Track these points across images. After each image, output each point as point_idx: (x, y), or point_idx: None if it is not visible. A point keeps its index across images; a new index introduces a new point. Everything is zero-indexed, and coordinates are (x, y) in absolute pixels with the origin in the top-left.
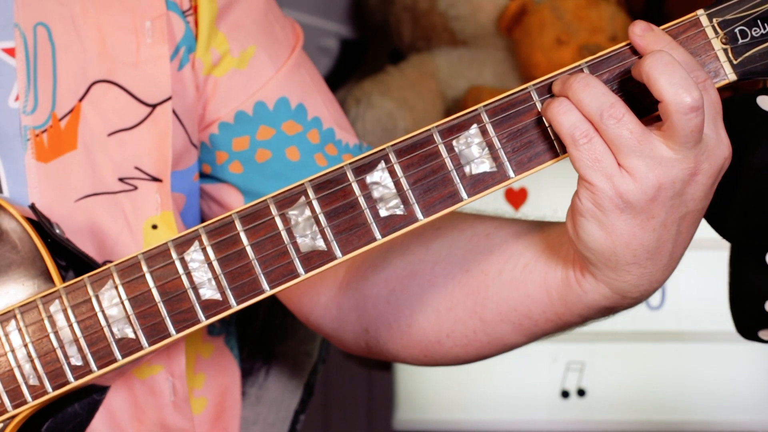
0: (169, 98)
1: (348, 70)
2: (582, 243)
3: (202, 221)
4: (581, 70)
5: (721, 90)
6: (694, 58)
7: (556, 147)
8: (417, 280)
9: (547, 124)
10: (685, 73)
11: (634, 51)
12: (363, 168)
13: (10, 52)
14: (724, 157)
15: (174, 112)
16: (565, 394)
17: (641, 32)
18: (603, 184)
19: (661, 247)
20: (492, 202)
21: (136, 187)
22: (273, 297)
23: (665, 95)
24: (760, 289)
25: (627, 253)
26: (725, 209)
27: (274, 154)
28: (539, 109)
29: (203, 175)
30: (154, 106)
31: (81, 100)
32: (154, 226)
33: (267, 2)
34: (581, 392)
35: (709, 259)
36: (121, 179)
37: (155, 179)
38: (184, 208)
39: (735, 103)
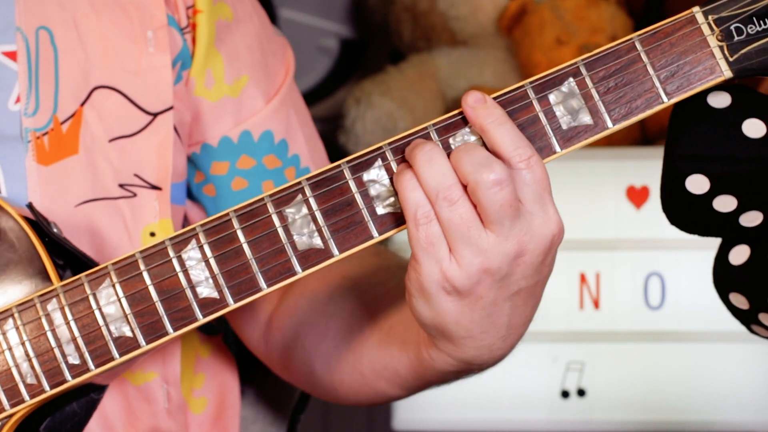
0: (171, 108)
1: (348, 70)
2: (416, 318)
3: None
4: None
5: (716, 87)
6: (521, 134)
7: (552, 144)
8: (314, 331)
9: (544, 122)
10: (486, 153)
11: (632, 48)
12: (360, 166)
13: (11, 55)
14: (552, 234)
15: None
16: (565, 394)
17: (473, 104)
18: (432, 268)
19: (495, 321)
20: None
21: (135, 194)
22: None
23: (468, 177)
24: (722, 283)
25: (459, 329)
26: (664, 200)
27: (250, 184)
28: (536, 107)
29: None
30: (155, 115)
31: (83, 104)
32: (152, 234)
33: (262, 27)
34: (581, 392)
35: (709, 259)
36: (121, 185)
37: (154, 187)
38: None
39: (686, 99)
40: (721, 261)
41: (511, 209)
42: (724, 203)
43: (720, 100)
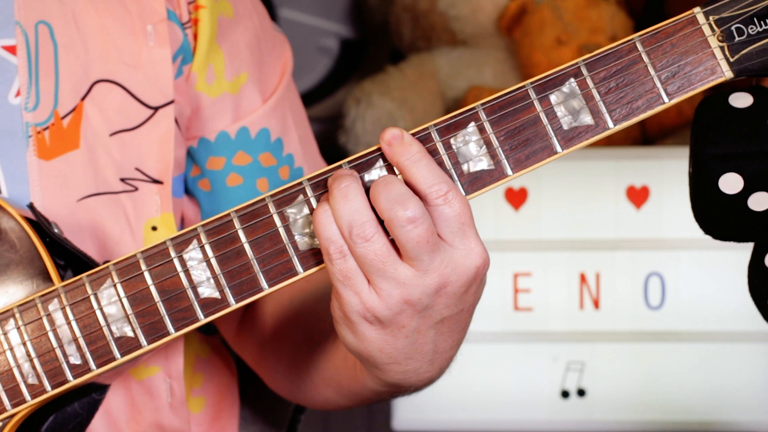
0: (172, 101)
1: (348, 70)
2: (343, 343)
3: None
4: (580, 67)
5: (716, 87)
6: (439, 169)
7: (553, 145)
8: (271, 342)
9: (545, 122)
10: (404, 189)
11: (633, 48)
12: (361, 166)
13: (11, 49)
14: (475, 266)
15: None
16: (565, 394)
17: (389, 140)
18: (351, 299)
19: (419, 348)
20: (492, 202)
21: (136, 188)
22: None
23: (384, 213)
24: (761, 288)
25: (383, 356)
26: (696, 206)
27: (245, 181)
28: (537, 108)
29: None
30: (156, 109)
31: (83, 98)
32: (154, 228)
33: (261, 25)
34: (581, 392)
35: (709, 259)
36: (122, 179)
37: (156, 181)
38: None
39: (708, 101)
40: (756, 266)
41: (428, 245)
42: (759, 201)
43: (742, 101)
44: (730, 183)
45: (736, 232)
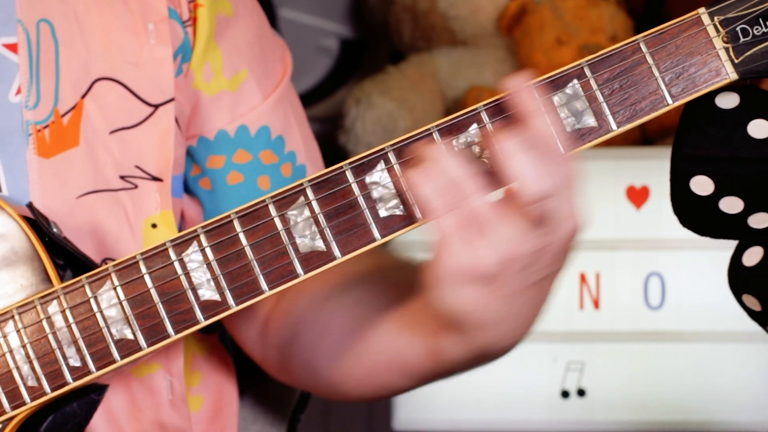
0: (172, 99)
1: (348, 70)
2: (435, 306)
3: None
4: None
5: (721, 89)
6: (553, 132)
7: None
8: (316, 326)
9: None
10: (538, 161)
11: (637, 49)
12: (363, 168)
13: (12, 47)
14: (572, 230)
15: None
16: (565, 394)
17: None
18: (454, 257)
19: (511, 311)
20: None
21: (136, 186)
22: None
23: (517, 179)
24: (736, 285)
25: (478, 318)
26: (674, 202)
27: (246, 179)
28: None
29: None
30: (156, 107)
31: (83, 96)
32: (154, 225)
33: (261, 25)
34: (581, 392)
35: (709, 259)
36: (122, 177)
37: (156, 179)
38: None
39: (695, 100)
40: (735, 262)
41: (546, 219)
42: (730, 205)
43: (728, 101)
44: (701, 185)
45: (713, 229)
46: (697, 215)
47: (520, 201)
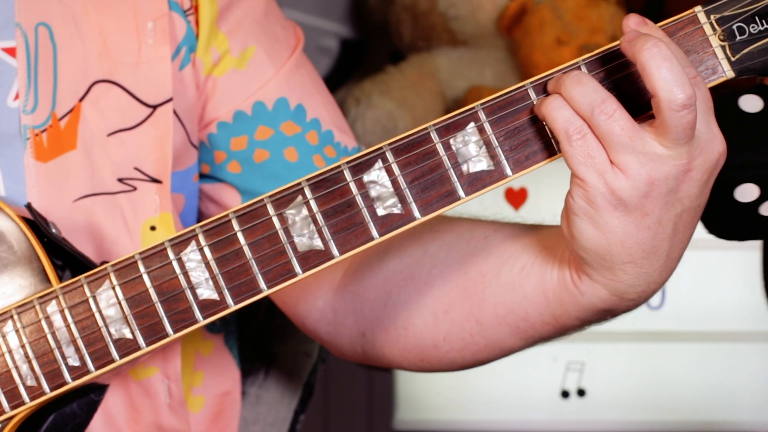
0: (170, 99)
1: (348, 70)
2: (576, 242)
3: (200, 222)
4: (578, 68)
5: (747, 92)
6: (684, 53)
7: (553, 145)
8: (414, 283)
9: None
10: (681, 69)
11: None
12: (360, 167)
13: (11, 51)
14: (718, 152)
15: (175, 112)
16: (565, 394)
17: (635, 25)
18: (595, 180)
19: (657, 245)
20: (492, 202)
21: (135, 188)
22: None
23: (659, 91)
24: None
25: (622, 251)
26: (708, 212)
27: (272, 154)
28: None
29: (202, 176)
30: (154, 107)
31: (81, 99)
32: (153, 228)
33: (268, 3)
34: (581, 392)
35: (709, 259)
36: (120, 180)
37: (155, 180)
38: (183, 209)
39: (716, 102)
40: None
41: (692, 131)
42: None
43: (752, 104)
44: (746, 192)
45: (743, 233)
46: (732, 222)
47: (668, 108)
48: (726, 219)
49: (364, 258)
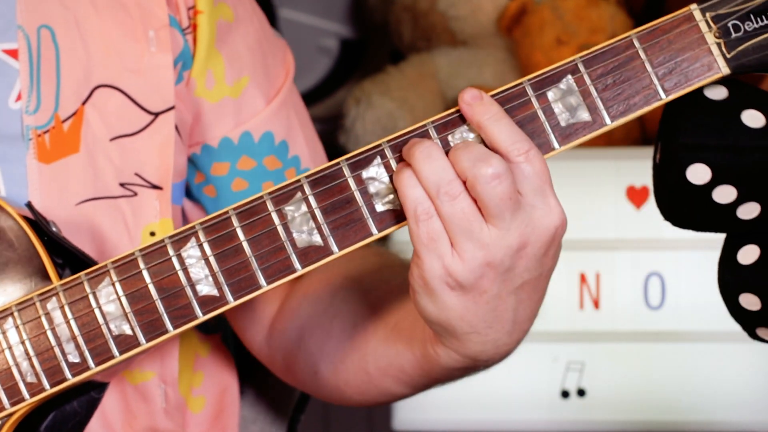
0: (172, 107)
1: (348, 70)
2: (420, 315)
3: None
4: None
5: (714, 83)
6: (519, 129)
7: (551, 141)
8: (319, 331)
9: (542, 119)
10: (484, 148)
11: (630, 45)
12: (359, 163)
13: (12, 53)
14: (555, 226)
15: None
16: (565, 394)
17: (470, 101)
18: (434, 263)
19: (500, 315)
20: None
21: (135, 194)
22: None
23: (467, 172)
24: (732, 284)
25: (463, 324)
26: (660, 192)
27: (251, 185)
28: (535, 104)
29: None
30: (156, 114)
31: (84, 103)
32: (152, 233)
33: (261, 28)
34: (581, 392)
35: (709, 259)
36: (122, 184)
37: (155, 187)
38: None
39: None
40: (728, 262)
41: (510, 202)
42: (724, 194)
43: (717, 93)
44: (698, 174)
45: (698, 221)
46: (686, 207)
47: (477, 182)
48: (680, 204)
49: (290, 296)
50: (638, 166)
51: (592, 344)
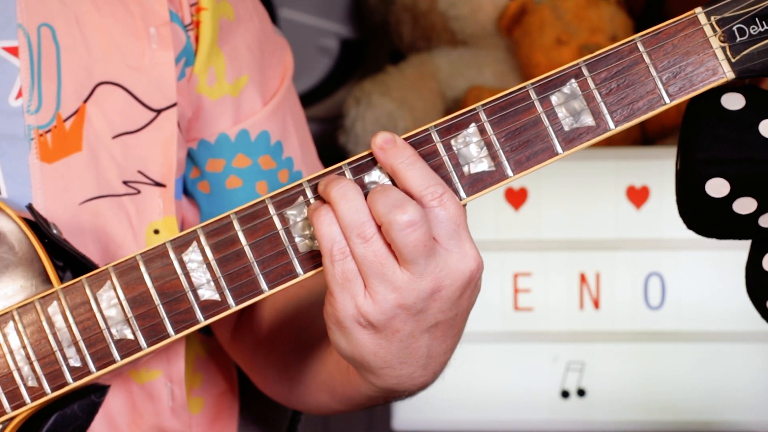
0: (175, 104)
1: (348, 70)
2: (335, 349)
3: None
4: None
5: (729, 89)
6: (433, 172)
7: (554, 146)
8: (271, 344)
9: (546, 124)
10: (401, 194)
11: (634, 49)
12: (361, 168)
13: (12, 51)
14: (470, 270)
15: None
16: (565, 394)
17: (382, 145)
18: (346, 303)
19: (413, 352)
20: (492, 202)
21: (139, 191)
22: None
23: (381, 217)
24: (758, 290)
25: (377, 360)
26: (682, 203)
27: (244, 184)
28: (538, 109)
29: None
30: (158, 111)
31: (86, 101)
32: (156, 231)
33: (262, 27)
34: (581, 392)
35: (709, 259)
36: (125, 182)
37: (158, 184)
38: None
39: (699, 101)
40: (755, 268)
41: (425, 248)
42: (744, 205)
43: (734, 102)
44: (716, 187)
45: (720, 231)
46: (707, 218)
47: (391, 229)
48: (701, 215)
49: (248, 312)
50: (638, 166)
51: (592, 344)
